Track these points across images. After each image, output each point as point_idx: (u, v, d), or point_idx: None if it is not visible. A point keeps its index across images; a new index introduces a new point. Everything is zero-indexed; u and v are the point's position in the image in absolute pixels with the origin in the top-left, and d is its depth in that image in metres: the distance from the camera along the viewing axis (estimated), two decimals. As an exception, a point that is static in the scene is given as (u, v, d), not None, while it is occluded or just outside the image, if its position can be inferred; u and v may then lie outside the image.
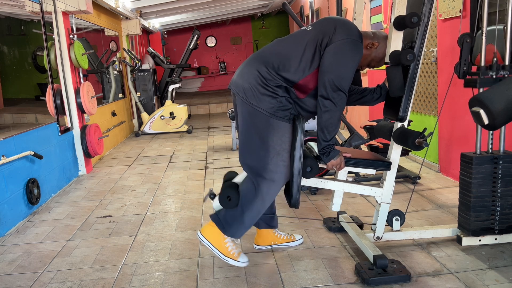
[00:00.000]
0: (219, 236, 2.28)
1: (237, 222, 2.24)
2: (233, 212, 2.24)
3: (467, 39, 2.22)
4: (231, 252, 2.29)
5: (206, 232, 2.31)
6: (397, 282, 2.11)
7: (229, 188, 2.26)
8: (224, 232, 2.27)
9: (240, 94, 2.15)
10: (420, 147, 2.10)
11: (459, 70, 2.28)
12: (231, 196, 2.23)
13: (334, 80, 2.04)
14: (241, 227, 2.25)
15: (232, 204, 2.23)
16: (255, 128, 2.14)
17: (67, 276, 2.40)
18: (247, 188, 2.22)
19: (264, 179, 2.16)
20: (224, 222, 2.26)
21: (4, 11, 7.76)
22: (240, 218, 2.23)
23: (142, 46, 9.37)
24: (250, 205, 2.20)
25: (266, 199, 2.21)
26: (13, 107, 8.82)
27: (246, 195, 2.22)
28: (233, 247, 2.30)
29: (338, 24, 2.12)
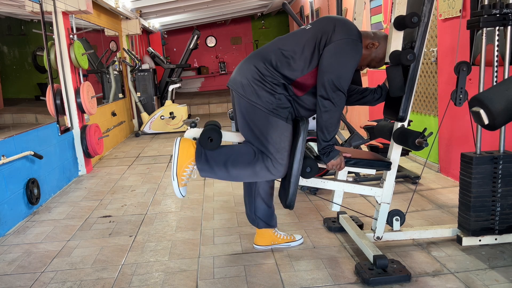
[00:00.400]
0: (189, 156, 2.22)
1: (214, 166, 2.19)
2: (217, 155, 2.19)
3: (464, 68, 2.23)
4: (182, 177, 2.23)
5: (183, 143, 2.24)
6: (397, 282, 2.11)
7: (214, 131, 2.20)
8: (197, 160, 2.20)
9: (238, 90, 2.15)
10: (420, 147, 2.10)
11: (456, 98, 2.28)
12: (214, 139, 2.17)
13: (334, 80, 2.04)
14: (214, 172, 2.21)
15: (210, 146, 2.17)
16: (253, 123, 2.14)
17: (67, 276, 2.40)
18: (247, 151, 2.18)
19: (263, 162, 2.15)
20: (203, 153, 2.20)
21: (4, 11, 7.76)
22: (221, 167, 2.18)
23: (142, 46, 9.37)
24: (237, 166, 2.17)
25: (253, 176, 2.19)
26: (13, 107, 8.81)
27: (240, 156, 2.18)
28: (188, 175, 2.24)
29: (337, 24, 2.12)
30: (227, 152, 2.20)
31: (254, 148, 2.19)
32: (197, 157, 2.21)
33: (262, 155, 2.16)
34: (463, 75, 2.23)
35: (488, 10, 2.24)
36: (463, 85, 2.27)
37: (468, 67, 2.22)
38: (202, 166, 2.21)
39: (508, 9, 2.23)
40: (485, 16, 2.24)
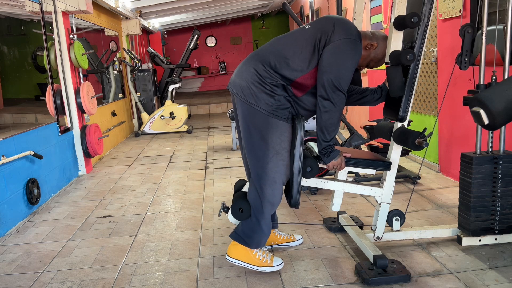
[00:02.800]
0: (246, 251, 2.29)
1: (256, 232, 2.24)
2: (249, 224, 2.25)
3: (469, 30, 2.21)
4: (264, 261, 2.29)
5: (232, 252, 2.31)
6: (397, 282, 2.11)
7: (239, 199, 2.27)
8: (249, 246, 2.27)
9: (238, 93, 2.15)
10: (420, 147, 2.10)
11: (461, 61, 2.27)
12: (243, 207, 2.24)
13: (333, 80, 2.04)
14: (261, 235, 2.26)
15: (245, 215, 2.24)
16: (254, 127, 2.14)
17: (67, 276, 2.40)
18: (253, 197, 2.23)
19: (266, 181, 2.16)
20: (244, 236, 2.27)
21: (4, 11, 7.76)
22: (257, 227, 2.23)
23: (142, 46, 9.37)
24: (262, 212, 2.21)
25: (274, 201, 2.21)
26: (13, 107, 8.82)
27: (254, 204, 2.22)
28: (263, 255, 2.31)
29: (336, 24, 2.11)
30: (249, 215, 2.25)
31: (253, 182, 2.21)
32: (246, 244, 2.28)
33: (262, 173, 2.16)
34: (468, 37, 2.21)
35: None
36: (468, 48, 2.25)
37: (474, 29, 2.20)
38: (255, 244, 2.27)
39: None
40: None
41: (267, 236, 2.29)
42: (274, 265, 2.30)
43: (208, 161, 5.06)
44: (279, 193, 2.21)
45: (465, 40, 2.22)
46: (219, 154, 5.42)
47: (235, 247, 2.31)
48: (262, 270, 2.28)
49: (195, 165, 4.92)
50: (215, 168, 4.69)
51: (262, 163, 2.14)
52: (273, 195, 2.19)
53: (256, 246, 2.28)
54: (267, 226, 2.25)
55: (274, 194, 2.19)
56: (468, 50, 2.27)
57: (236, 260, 2.30)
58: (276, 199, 2.21)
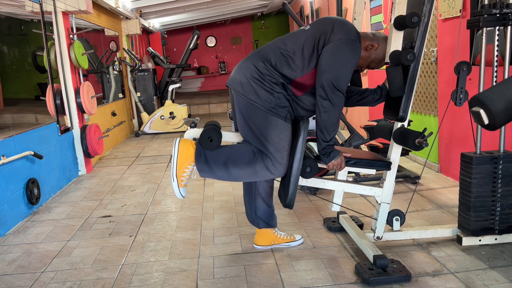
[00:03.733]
0: (189, 157, 2.21)
1: (214, 166, 2.19)
2: (217, 156, 2.19)
3: (464, 68, 2.23)
4: (182, 178, 2.22)
5: (183, 144, 2.24)
6: (397, 282, 2.11)
7: (214, 131, 2.19)
8: (197, 161, 2.20)
9: (237, 88, 2.15)
10: (420, 147, 2.10)
11: (456, 98, 2.28)
12: (214, 139, 2.17)
13: (332, 80, 2.04)
14: (214, 172, 2.21)
15: (210, 146, 2.17)
16: (252, 122, 2.14)
17: (67, 276, 2.40)
18: (246, 151, 2.18)
19: (262, 161, 2.15)
20: (203, 154, 2.20)
21: (4, 11, 7.76)
22: (221, 167, 2.18)
23: (142, 46, 9.37)
24: (237, 166, 2.16)
25: (252, 176, 2.19)
26: (13, 107, 8.81)
27: (240, 155, 2.18)
28: (188, 176, 2.24)
29: (336, 24, 2.12)
30: (227, 152, 2.20)
31: (253, 147, 2.18)
32: (196, 158, 2.20)
33: (262, 155, 2.16)
34: (463, 75, 2.24)
35: (488, 10, 2.24)
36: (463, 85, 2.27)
37: (468, 67, 2.23)
38: (201, 166, 2.20)
39: (508, 9, 2.23)
40: (485, 15, 2.24)
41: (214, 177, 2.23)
42: (180, 190, 2.24)
43: (208, 161, 5.05)
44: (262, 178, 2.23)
45: (460, 78, 2.24)
46: (219, 154, 5.41)
47: (189, 145, 2.23)
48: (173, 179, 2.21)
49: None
50: (215, 168, 4.68)
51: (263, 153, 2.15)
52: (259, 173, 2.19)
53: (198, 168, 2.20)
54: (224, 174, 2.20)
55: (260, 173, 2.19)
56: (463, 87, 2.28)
57: (177, 151, 2.22)
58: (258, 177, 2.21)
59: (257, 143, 2.16)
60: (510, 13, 2.23)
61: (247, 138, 2.20)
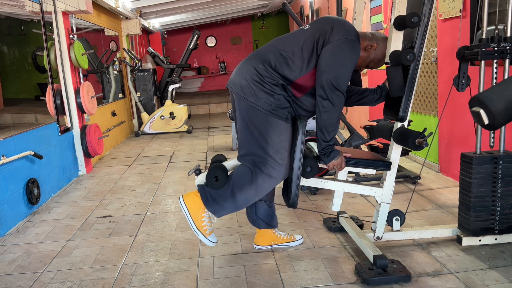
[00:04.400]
0: (199, 207, 2.24)
1: (222, 202, 2.20)
2: (222, 191, 2.21)
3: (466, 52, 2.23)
4: (204, 228, 2.25)
5: (188, 199, 2.26)
6: (397, 282, 2.11)
7: (218, 169, 2.22)
8: (206, 205, 2.22)
9: (237, 91, 2.15)
10: (420, 147, 2.10)
11: (458, 83, 2.29)
12: (219, 177, 2.19)
13: (332, 80, 2.04)
14: (225, 207, 2.22)
15: (218, 185, 2.19)
16: (253, 125, 2.14)
17: (67, 276, 2.40)
18: (244, 172, 2.19)
19: (262, 172, 2.15)
20: (209, 196, 2.22)
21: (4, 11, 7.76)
22: (229, 198, 2.19)
23: (142, 46, 9.37)
24: (242, 190, 2.17)
25: (259, 191, 2.19)
26: (13, 107, 8.81)
27: (240, 179, 2.19)
28: (208, 223, 2.26)
29: (335, 24, 2.12)
30: (229, 183, 2.22)
31: (248, 165, 2.19)
32: (205, 203, 2.23)
33: (260, 165, 2.15)
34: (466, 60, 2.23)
35: (486, 43, 2.26)
36: (465, 70, 2.26)
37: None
38: (213, 208, 2.23)
39: (506, 43, 2.25)
40: (483, 49, 2.25)
41: (228, 211, 2.24)
42: (209, 238, 2.26)
43: (208, 161, 5.06)
44: (269, 188, 2.20)
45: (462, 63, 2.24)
46: (219, 154, 5.41)
47: (193, 197, 2.25)
48: (196, 233, 2.24)
49: (195, 165, 4.91)
50: (215, 168, 4.68)
51: (262, 159, 2.15)
52: (262, 186, 2.17)
53: (212, 211, 2.23)
54: (235, 205, 2.20)
55: (263, 186, 2.17)
56: (465, 72, 2.29)
57: (185, 208, 2.24)
58: (263, 191, 2.20)
59: (256, 147, 2.16)
60: (508, 48, 2.25)
61: (246, 141, 2.20)
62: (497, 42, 2.26)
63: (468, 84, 2.26)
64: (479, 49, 2.27)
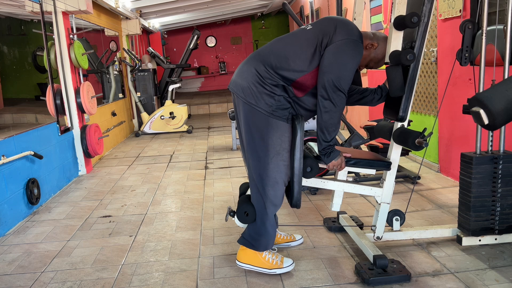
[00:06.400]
0: (255, 254, 2.29)
1: (262, 235, 2.25)
2: (255, 227, 2.26)
3: (469, 26, 2.20)
4: (274, 263, 2.29)
5: (242, 257, 2.32)
6: (397, 282, 2.11)
7: (244, 203, 2.28)
8: (257, 249, 2.28)
9: (238, 93, 2.15)
10: (420, 147, 2.10)
11: (461, 57, 2.26)
12: (248, 210, 2.25)
13: (334, 80, 2.04)
14: (268, 237, 2.26)
15: (250, 218, 2.25)
16: (255, 127, 2.14)
17: (67, 276, 2.40)
18: (256, 198, 2.23)
19: (267, 182, 2.16)
20: (251, 240, 2.27)
21: (4, 11, 7.76)
22: (263, 229, 2.24)
23: (142, 46, 9.37)
24: (265, 213, 2.21)
25: (276, 202, 2.21)
26: (13, 107, 8.81)
27: (257, 206, 2.23)
28: (273, 257, 2.31)
29: (338, 24, 2.11)
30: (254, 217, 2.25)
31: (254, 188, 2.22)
32: (254, 248, 2.28)
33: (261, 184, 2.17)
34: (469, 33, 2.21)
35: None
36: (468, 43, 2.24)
37: (474, 25, 2.19)
38: (262, 247, 2.27)
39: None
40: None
41: (273, 237, 2.28)
42: (284, 266, 2.29)
43: (208, 161, 5.06)
44: (281, 194, 2.22)
45: (465, 36, 2.21)
46: (219, 154, 5.42)
47: (244, 252, 2.31)
48: (273, 272, 2.28)
49: (195, 165, 4.92)
50: (215, 168, 4.69)
51: (263, 164, 2.15)
52: (275, 196, 2.19)
53: (264, 248, 2.28)
54: (272, 227, 2.26)
55: (276, 195, 2.19)
56: (468, 45, 2.26)
57: (247, 265, 2.30)
58: (279, 200, 2.21)
59: (258, 150, 2.16)
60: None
61: (248, 144, 2.20)
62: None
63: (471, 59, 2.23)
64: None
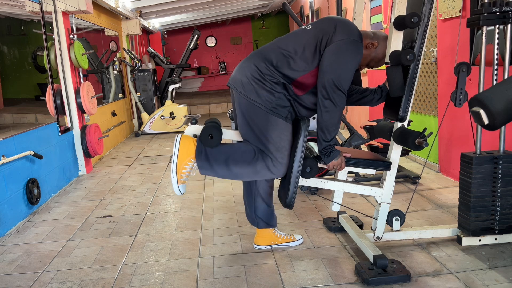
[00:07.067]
0: (189, 154, 2.21)
1: (214, 164, 2.18)
2: (218, 153, 2.18)
3: (463, 69, 2.23)
4: (182, 174, 2.22)
5: (184, 141, 2.23)
6: (397, 282, 2.11)
7: (216, 128, 2.18)
8: (197, 157, 2.19)
9: (238, 88, 2.16)
10: (420, 147, 2.10)
11: (455, 99, 2.28)
12: (214, 136, 2.15)
13: (334, 80, 2.04)
14: (214, 170, 2.20)
15: (210, 143, 2.16)
16: (253, 122, 2.14)
17: (67, 276, 2.40)
18: (247, 150, 2.18)
19: (263, 160, 2.15)
20: (204, 151, 2.19)
21: (4, 11, 7.76)
22: (221, 165, 2.17)
23: (142, 46, 9.36)
24: (238, 165, 2.16)
25: (253, 175, 2.19)
26: (13, 107, 8.81)
27: (241, 154, 2.17)
28: (187, 172, 2.24)
29: (338, 24, 2.12)
30: (228, 150, 2.20)
31: (254, 147, 2.18)
32: (197, 154, 2.20)
33: (262, 154, 2.16)
34: (463, 76, 2.24)
35: (488, 8, 2.24)
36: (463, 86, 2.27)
37: (468, 68, 2.23)
38: (202, 163, 2.20)
39: (508, 7, 2.23)
40: (485, 14, 2.24)
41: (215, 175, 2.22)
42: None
43: (208, 161, 5.05)
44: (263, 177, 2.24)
45: (460, 79, 2.24)
46: (219, 154, 5.41)
47: (190, 142, 2.22)
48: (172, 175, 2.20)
49: (195, 165, 4.91)
50: (215, 168, 4.68)
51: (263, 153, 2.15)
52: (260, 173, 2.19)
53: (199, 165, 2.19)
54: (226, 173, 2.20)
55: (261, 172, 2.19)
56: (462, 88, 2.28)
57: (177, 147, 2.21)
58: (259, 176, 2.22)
59: (257, 143, 2.17)
60: (510, 11, 2.23)
61: (247, 137, 2.20)
62: (499, 7, 2.23)
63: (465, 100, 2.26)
64: (481, 14, 2.24)
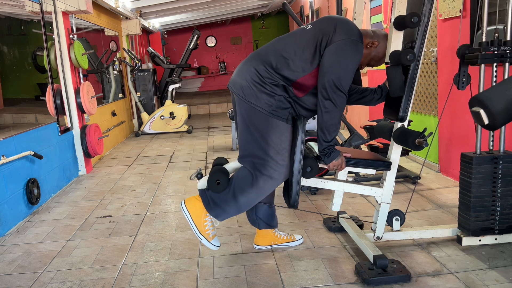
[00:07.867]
0: (201, 212, 2.25)
1: (224, 205, 2.21)
2: (223, 194, 2.22)
3: (467, 51, 2.23)
4: (207, 232, 2.26)
5: (189, 203, 2.28)
6: (397, 282, 2.11)
7: (219, 172, 2.23)
8: (208, 210, 2.24)
9: (238, 92, 2.15)
10: (420, 147, 2.10)
11: (458, 81, 2.29)
12: (221, 180, 2.20)
13: (334, 80, 2.04)
14: (227, 211, 2.23)
15: (219, 189, 2.20)
16: (253, 126, 2.14)
17: (67, 276, 2.40)
18: (244, 175, 2.20)
19: (262, 174, 2.16)
20: (210, 200, 2.24)
21: (4, 11, 7.76)
22: (231, 202, 2.20)
23: (142, 46, 9.37)
24: (244, 193, 2.18)
25: (261, 193, 2.20)
26: (13, 107, 8.82)
27: (241, 182, 2.19)
28: (210, 227, 2.27)
29: (338, 24, 2.11)
30: (230, 186, 2.22)
31: (248, 167, 2.19)
32: (206, 207, 2.24)
33: (259, 168, 2.16)
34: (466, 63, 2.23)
35: (486, 47, 2.26)
36: (465, 68, 2.26)
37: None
38: (215, 212, 2.24)
39: (506, 46, 2.25)
40: (483, 53, 2.25)
41: (230, 215, 2.25)
42: (212, 242, 2.28)
43: (208, 161, 5.06)
44: (270, 189, 2.21)
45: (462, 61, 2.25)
46: (219, 154, 5.41)
47: (195, 201, 2.27)
48: (200, 237, 2.26)
49: (195, 165, 4.91)
50: (215, 168, 4.68)
51: (262, 162, 2.15)
52: (264, 188, 2.18)
53: (214, 215, 2.25)
54: (238, 209, 2.22)
55: (265, 188, 2.18)
56: (465, 70, 2.29)
57: (187, 213, 2.26)
58: (264, 193, 2.20)
59: (256, 149, 2.16)
60: (508, 51, 2.24)
61: (246, 142, 2.20)
62: (497, 46, 2.26)
63: (468, 83, 2.26)
64: (479, 53, 2.27)
